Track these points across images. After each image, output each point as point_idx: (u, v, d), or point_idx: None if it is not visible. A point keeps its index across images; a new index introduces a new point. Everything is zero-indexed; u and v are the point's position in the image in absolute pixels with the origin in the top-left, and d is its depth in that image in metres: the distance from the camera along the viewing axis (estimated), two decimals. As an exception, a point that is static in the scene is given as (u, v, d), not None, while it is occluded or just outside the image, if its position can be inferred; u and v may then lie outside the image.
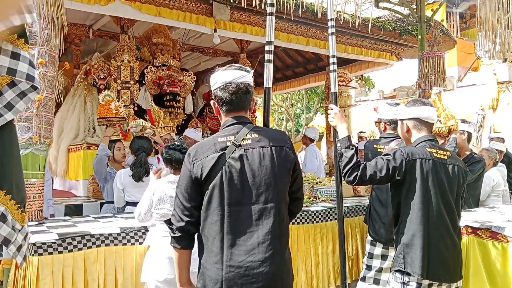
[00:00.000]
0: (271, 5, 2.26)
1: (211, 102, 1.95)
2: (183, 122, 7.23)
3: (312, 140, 7.19)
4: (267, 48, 2.23)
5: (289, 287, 1.82)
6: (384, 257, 3.22)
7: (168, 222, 1.86)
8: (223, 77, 1.84)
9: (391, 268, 2.45)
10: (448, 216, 2.32)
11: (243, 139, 1.79)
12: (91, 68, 6.40)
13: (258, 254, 1.69)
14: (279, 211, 1.78)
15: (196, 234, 1.84)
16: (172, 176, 2.83)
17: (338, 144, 2.48)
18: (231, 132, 1.82)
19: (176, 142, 2.86)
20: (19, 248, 1.58)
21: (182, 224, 1.79)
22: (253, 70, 1.94)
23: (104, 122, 5.22)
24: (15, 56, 1.44)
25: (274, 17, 2.28)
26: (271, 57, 2.22)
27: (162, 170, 3.07)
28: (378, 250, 3.24)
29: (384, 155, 2.40)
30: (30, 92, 1.53)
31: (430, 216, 2.28)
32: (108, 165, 4.44)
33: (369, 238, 3.33)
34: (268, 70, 2.18)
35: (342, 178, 2.47)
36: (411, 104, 2.53)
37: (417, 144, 2.44)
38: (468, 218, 3.41)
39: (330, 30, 2.59)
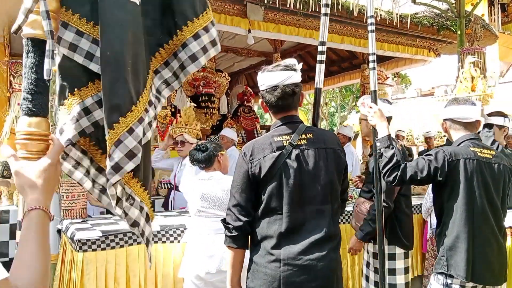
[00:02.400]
0: (326, 5, 2.22)
1: (260, 101, 1.96)
2: (217, 123, 7.32)
3: (349, 139, 7.06)
4: (319, 48, 2.20)
5: (342, 283, 1.85)
6: None
7: (224, 222, 1.87)
8: (269, 80, 1.82)
9: (432, 270, 2.39)
10: (493, 217, 2.25)
11: (299, 139, 1.80)
12: (130, 71, 6.57)
13: (316, 252, 1.72)
14: (333, 212, 1.82)
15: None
16: (204, 174, 2.89)
17: (378, 144, 2.43)
18: (285, 131, 1.83)
19: (201, 142, 2.94)
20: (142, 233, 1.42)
21: (240, 223, 1.80)
22: (301, 65, 1.87)
23: None
24: None
25: (328, 18, 2.23)
26: (323, 57, 2.19)
27: None
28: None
29: (426, 155, 2.35)
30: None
31: (475, 218, 2.21)
32: None
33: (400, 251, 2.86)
34: (320, 70, 2.16)
35: (382, 178, 2.43)
36: (447, 104, 2.49)
37: (459, 144, 2.37)
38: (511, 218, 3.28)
39: (369, 28, 2.53)
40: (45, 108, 1.08)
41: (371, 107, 2.54)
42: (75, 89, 1.25)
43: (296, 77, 1.83)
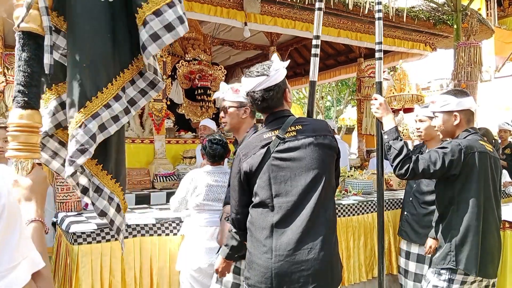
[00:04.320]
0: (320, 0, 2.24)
1: None
2: (213, 116, 7.30)
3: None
4: (314, 42, 2.22)
5: (339, 273, 1.83)
6: None
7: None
8: (245, 85, 1.89)
9: (431, 265, 2.33)
10: (497, 211, 2.25)
11: (288, 131, 1.82)
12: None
13: (307, 241, 1.73)
14: (326, 199, 1.81)
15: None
16: (209, 167, 2.88)
17: (385, 136, 2.37)
18: (274, 126, 1.86)
19: (217, 137, 2.88)
20: (118, 230, 1.59)
21: (231, 221, 2.00)
22: (277, 65, 1.84)
23: None
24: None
25: (322, 12, 2.24)
26: (318, 51, 2.21)
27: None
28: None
29: (439, 147, 2.28)
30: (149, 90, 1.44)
31: (484, 212, 2.19)
32: None
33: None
34: (314, 64, 2.18)
35: (392, 171, 2.36)
36: (460, 95, 2.37)
37: (466, 137, 2.31)
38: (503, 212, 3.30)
39: (377, 15, 2.47)
40: (39, 101, 1.09)
41: (375, 99, 2.48)
42: (53, 84, 1.33)
43: (268, 81, 1.82)
